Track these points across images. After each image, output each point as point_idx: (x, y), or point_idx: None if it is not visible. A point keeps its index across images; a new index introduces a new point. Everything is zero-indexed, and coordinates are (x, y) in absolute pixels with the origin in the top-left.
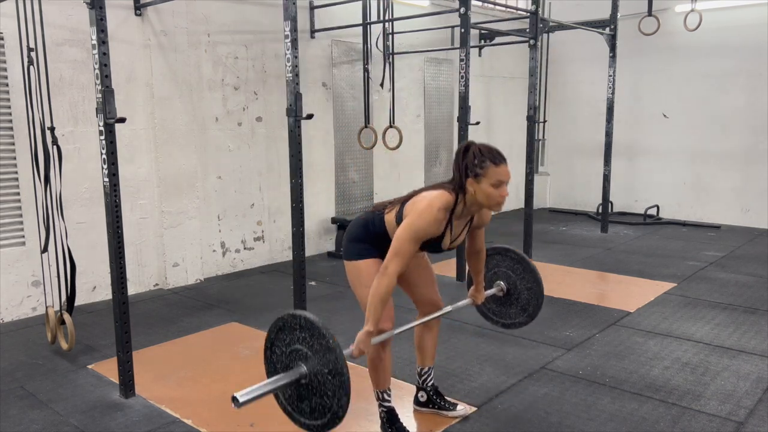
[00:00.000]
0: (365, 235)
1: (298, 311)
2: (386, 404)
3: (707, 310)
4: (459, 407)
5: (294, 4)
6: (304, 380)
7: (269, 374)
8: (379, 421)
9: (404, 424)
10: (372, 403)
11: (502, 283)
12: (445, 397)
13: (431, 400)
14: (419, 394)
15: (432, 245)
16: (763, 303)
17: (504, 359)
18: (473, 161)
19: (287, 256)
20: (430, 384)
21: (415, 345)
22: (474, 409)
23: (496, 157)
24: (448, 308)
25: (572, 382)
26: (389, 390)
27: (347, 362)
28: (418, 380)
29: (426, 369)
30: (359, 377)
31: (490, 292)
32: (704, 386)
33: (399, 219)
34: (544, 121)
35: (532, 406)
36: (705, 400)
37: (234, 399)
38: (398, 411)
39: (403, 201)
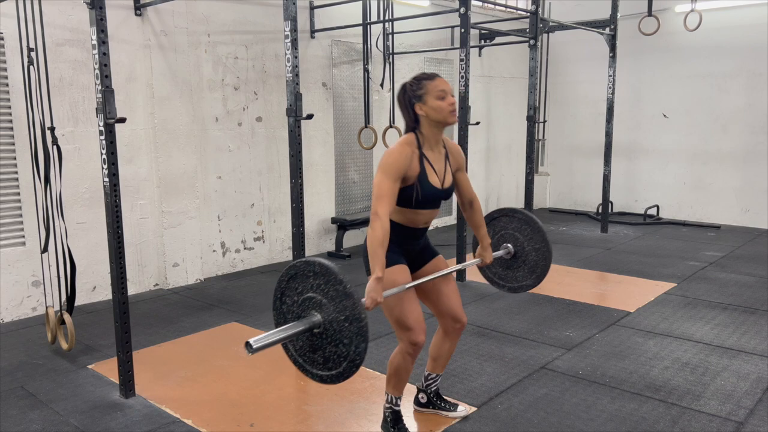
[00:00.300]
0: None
1: (311, 258)
2: (396, 407)
3: (707, 310)
4: (459, 408)
5: (294, 4)
6: (318, 329)
7: (279, 325)
8: (381, 420)
9: (407, 425)
10: (372, 404)
11: (509, 245)
12: (446, 398)
13: (431, 402)
14: (419, 396)
15: (425, 189)
16: (763, 303)
17: (504, 359)
18: (411, 90)
19: (287, 256)
20: (433, 389)
21: (429, 352)
22: (474, 409)
23: (427, 76)
24: (456, 267)
25: (572, 382)
26: (401, 398)
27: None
28: (422, 383)
29: (434, 375)
30: (360, 377)
31: (497, 253)
32: (704, 386)
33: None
34: (544, 121)
35: (532, 406)
36: (705, 400)
37: (248, 345)
38: (402, 412)
39: None
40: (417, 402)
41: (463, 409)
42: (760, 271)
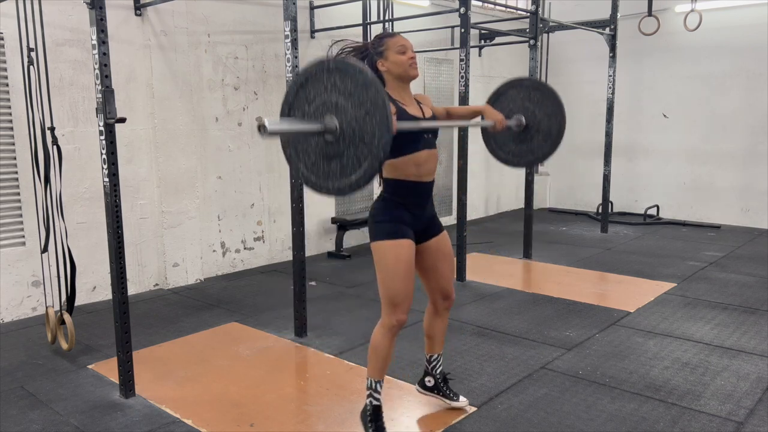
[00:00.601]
0: (384, 205)
1: (325, 58)
2: (376, 396)
3: (707, 310)
4: (462, 398)
5: (294, 4)
6: (332, 135)
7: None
8: (362, 408)
9: (385, 425)
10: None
11: (520, 116)
12: (451, 387)
13: (438, 387)
14: (426, 379)
15: (407, 119)
16: (763, 303)
17: (504, 359)
18: (374, 48)
19: (287, 256)
20: (438, 371)
21: (424, 332)
22: (474, 409)
23: (388, 33)
24: (470, 122)
25: (572, 382)
26: (382, 383)
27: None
28: (426, 366)
29: (435, 356)
30: (360, 377)
31: (510, 122)
32: (704, 386)
33: None
34: None
35: (532, 406)
36: (705, 400)
37: (261, 127)
38: (398, 410)
39: None
40: (423, 385)
41: (465, 400)
42: (760, 271)
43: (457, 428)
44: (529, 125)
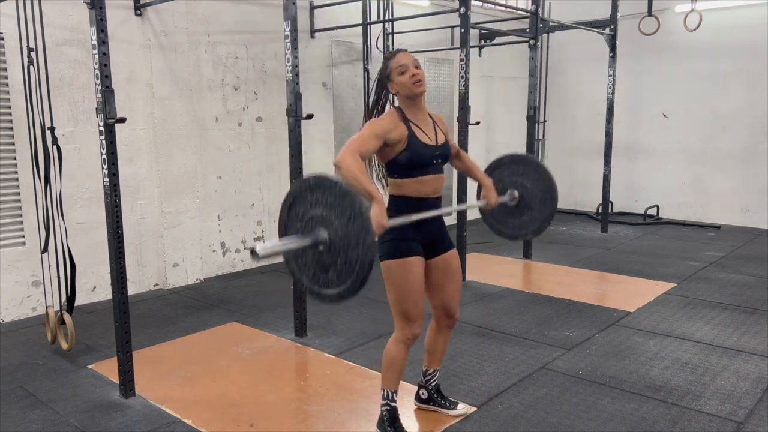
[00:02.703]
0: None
1: (321, 174)
2: (392, 404)
3: (707, 310)
4: (460, 406)
5: (294, 4)
6: (324, 244)
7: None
8: (378, 419)
9: (403, 425)
10: (373, 404)
11: (515, 191)
12: (446, 396)
13: (432, 398)
14: (420, 392)
15: (418, 148)
16: (763, 303)
17: (504, 359)
18: (381, 74)
19: None
20: (433, 384)
21: (425, 347)
22: (474, 409)
23: (390, 53)
24: (464, 206)
25: (572, 382)
26: (397, 392)
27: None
28: (421, 379)
29: (432, 371)
30: (360, 377)
31: (503, 198)
32: (704, 386)
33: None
34: (544, 121)
35: (532, 406)
36: (705, 400)
37: (253, 252)
38: (399, 411)
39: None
40: (418, 398)
41: (464, 407)
42: (760, 271)
43: (457, 428)
44: (522, 200)
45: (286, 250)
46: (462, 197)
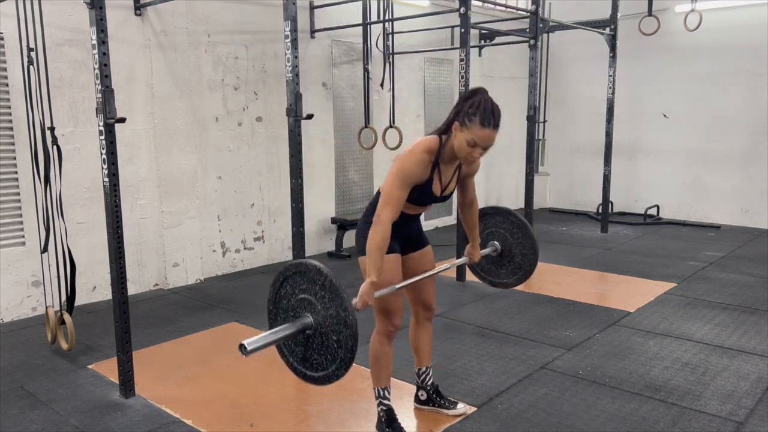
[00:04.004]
0: (368, 226)
1: (301, 260)
2: (386, 402)
3: (707, 310)
4: (459, 405)
5: (294, 4)
6: (310, 330)
7: (273, 327)
8: (376, 420)
9: (402, 425)
10: (373, 404)
11: (497, 243)
12: (445, 396)
13: (431, 399)
14: (419, 393)
15: (424, 194)
16: (763, 303)
17: (504, 359)
18: (468, 109)
19: (287, 256)
20: (429, 383)
21: (411, 345)
22: (474, 409)
23: (486, 118)
24: (446, 265)
25: (572, 382)
26: (389, 389)
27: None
28: (417, 380)
29: (424, 369)
30: (360, 377)
31: (485, 251)
32: (704, 386)
33: None
34: (544, 121)
35: (532, 406)
36: (705, 400)
37: (242, 347)
38: (398, 411)
39: None
40: (417, 400)
41: (463, 406)
42: (760, 271)
43: (457, 428)
44: (503, 253)
45: (273, 341)
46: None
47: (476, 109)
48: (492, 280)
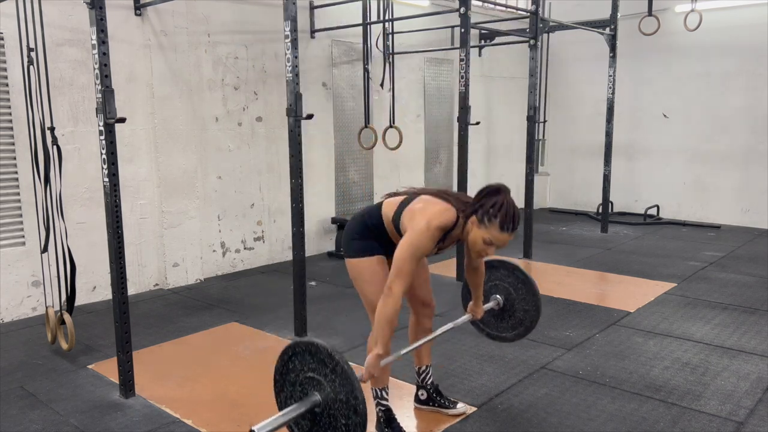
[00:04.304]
0: (363, 229)
1: (308, 339)
2: (384, 403)
3: (707, 310)
4: (459, 405)
5: (294, 4)
6: (318, 408)
7: (282, 406)
8: (375, 421)
9: (401, 425)
10: (373, 404)
11: (499, 297)
12: (446, 396)
13: (431, 398)
14: (419, 393)
15: (427, 252)
16: (763, 303)
17: (504, 359)
18: (490, 208)
19: (287, 256)
20: (429, 382)
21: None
22: (474, 409)
23: (507, 223)
24: (449, 325)
25: (572, 382)
26: (387, 389)
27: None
28: (417, 379)
29: (424, 368)
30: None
31: (488, 305)
32: (704, 386)
33: (396, 221)
34: (544, 121)
35: (532, 406)
36: (705, 400)
37: None
38: (398, 411)
39: (404, 201)
40: (417, 399)
41: (463, 406)
42: (760, 271)
43: (457, 428)
44: (505, 307)
45: (284, 423)
46: None
47: (497, 210)
48: (490, 333)
